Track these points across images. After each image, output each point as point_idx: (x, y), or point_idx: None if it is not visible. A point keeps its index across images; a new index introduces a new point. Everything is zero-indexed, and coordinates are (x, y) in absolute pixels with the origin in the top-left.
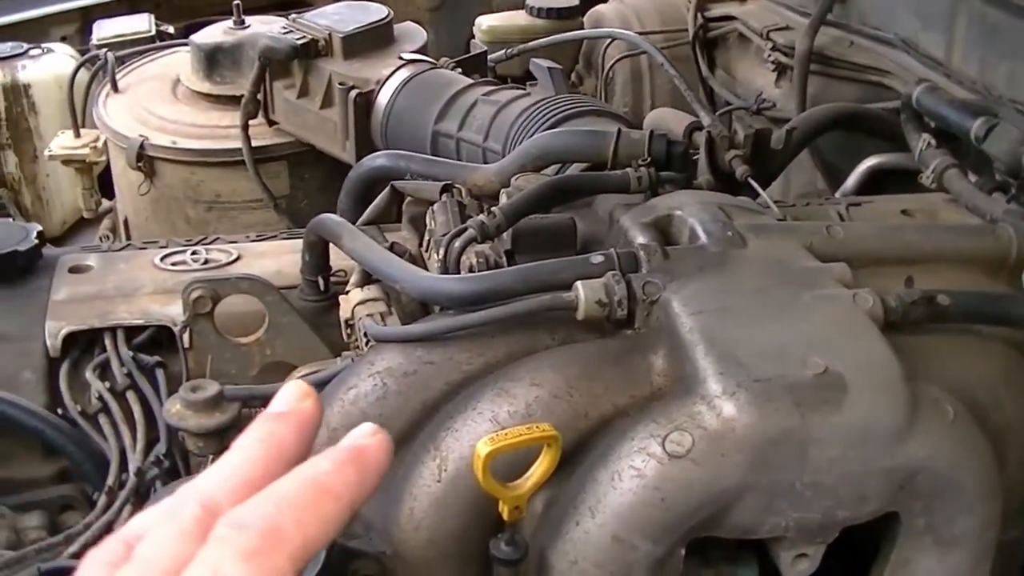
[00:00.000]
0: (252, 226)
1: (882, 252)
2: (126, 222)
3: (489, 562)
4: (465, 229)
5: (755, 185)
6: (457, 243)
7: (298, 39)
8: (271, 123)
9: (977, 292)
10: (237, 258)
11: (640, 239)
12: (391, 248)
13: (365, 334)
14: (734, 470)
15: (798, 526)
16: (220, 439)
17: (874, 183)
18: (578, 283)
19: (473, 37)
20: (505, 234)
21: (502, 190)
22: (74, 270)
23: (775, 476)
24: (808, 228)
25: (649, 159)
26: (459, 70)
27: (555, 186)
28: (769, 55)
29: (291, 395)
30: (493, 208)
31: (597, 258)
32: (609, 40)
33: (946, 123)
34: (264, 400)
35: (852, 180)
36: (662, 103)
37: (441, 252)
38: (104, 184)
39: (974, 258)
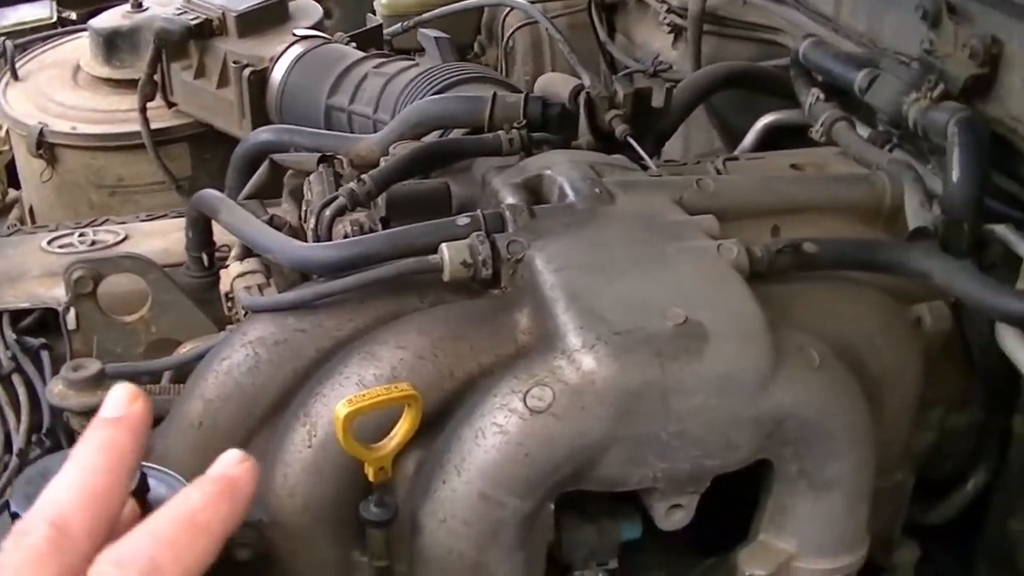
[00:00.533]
0: (156, 209)
1: (754, 204)
2: (31, 210)
3: (363, 525)
4: (336, 197)
5: (634, 143)
6: (328, 211)
7: (192, 19)
8: (170, 105)
9: (844, 239)
10: (124, 238)
11: (509, 199)
12: (270, 221)
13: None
14: (597, 423)
15: (667, 477)
16: None
17: (772, 140)
18: (443, 245)
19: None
20: (381, 201)
21: (382, 159)
22: None
23: (639, 427)
24: (679, 183)
25: (525, 121)
26: (353, 44)
27: (425, 151)
28: (664, 17)
29: (120, 399)
30: (363, 175)
31: (463, 220)
32: (508, 9)
33: (831, 76)
34: (148, 375)
35: (749, 138)
36: (564, 71)
37: (313, 221)
38: (13, 174)
39: (849, 207)
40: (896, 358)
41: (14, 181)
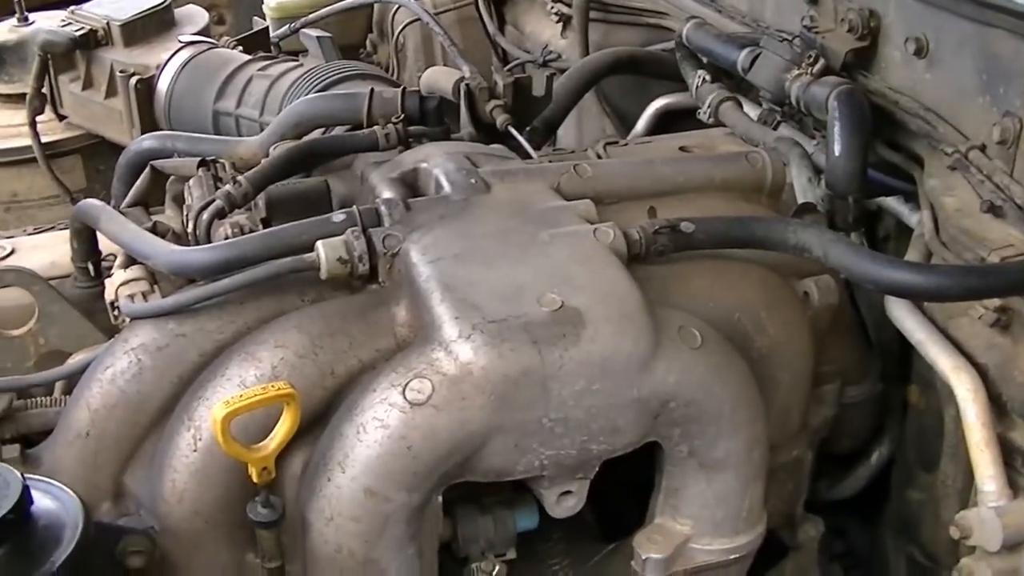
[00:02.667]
0: (52, 223)
1: (632, 187)
2: None
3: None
4: (213, 200)
5: (514, 132)
6: (205, 215)
7: (77, 31)
8: (61, 117)
9: (721, 217)
10: (11, 252)
11: (386, 194)
12: (153, 227)
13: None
14: (477, 412)
15: (554, 463)
16: None
17: (664, 124)
18: (319, 242)
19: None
20: (261, 202)
21: (263, 160)
22: None
23: (520, 415)
24: (556, 169)
25: (402, 116)
26: (240, 48)
27: (300, 150)
28: (551, 7)
29: None
30: (239, 177)
31: (339, 216)
32: (397, 6)
33: (714, 57)
34: (38, 388)
35: (642, 123)
36: (456, 66)
37: (191, 225)
38: None
39: (729, 185)
40: (784, 333)
41: None
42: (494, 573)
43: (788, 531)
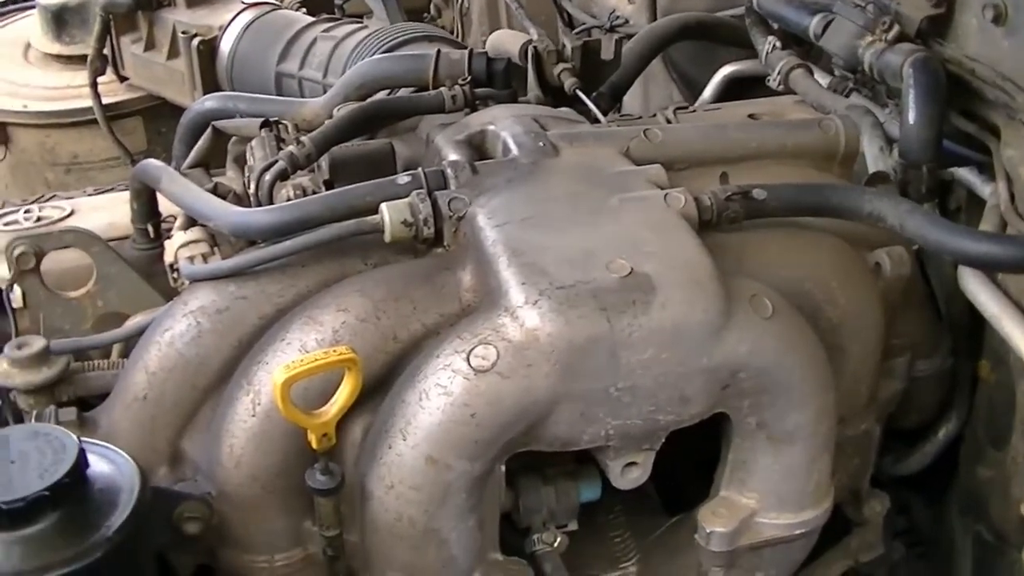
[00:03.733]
0: (112, 184)
1: (703, 152)
2: None
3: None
4: (276, 161)
5: (583, 96)
6: (268, 176)
7: None
8: (122, 79)
9: (794, 184)
10: (71, 213)
11: (451, 156)
12: (214, 189)
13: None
14: (543, 380)
15: (620, 434)
16: (50, 393)
17: (732, 92)
18: (383, 205)
19: None
20: (324, 164)
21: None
22: None
23: (587, 383)
24: (625, 133)
25: (469, 78)
26: (303, 10)
27: (363, 112)
28: None
29: None
30: (302, 138)
31: (404, 179)
32: None
33: (786, 24)
34: (95, 349)
35: (709, 90)
36: (521, 30)
37: (253, 186)
38: None
39: (801, 153)
40: (855, 304)
41: None
42: (555, 544)
43: (853, 506)
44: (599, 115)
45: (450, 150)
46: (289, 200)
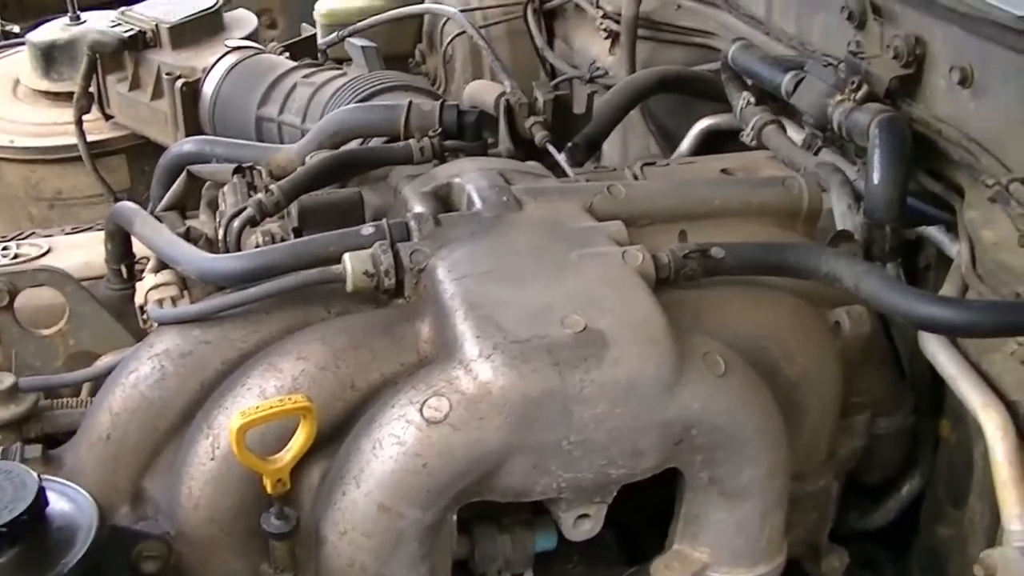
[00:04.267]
0: (94, 222)
1: (666, 209)
2: None
3: None
4: (244, 208)
5: (552, 150)
6: (236, 222)
7: (126, 31)
8: (107, 117)
9: (752, 243)
10: (47, 251)
11: (417, 208)
12: (186, 233)
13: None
14: (495, 433)
15: (572, 486)
16: (18, 430)
17: (709, 145)
18: (345, 255)
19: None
20: (294, 212)
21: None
22: None
23: (540, 436)
24: (589, 188)
25: (440, 129)
26: (287, 55)
27: (336, 160)
28: (601, 23)
29: None
30: (272, 186)
31: (368, 229)
32: (447, 18)
33: (759, 80)
34: (64, 387)
35: (686, 143)
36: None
37: (222, 232)
38: None
39: (765, 211)
40: (813, 362)
41: None
42: None
43: (812, 562)
44: (567, 169)
45: (416, 202)
46: (258, 246)
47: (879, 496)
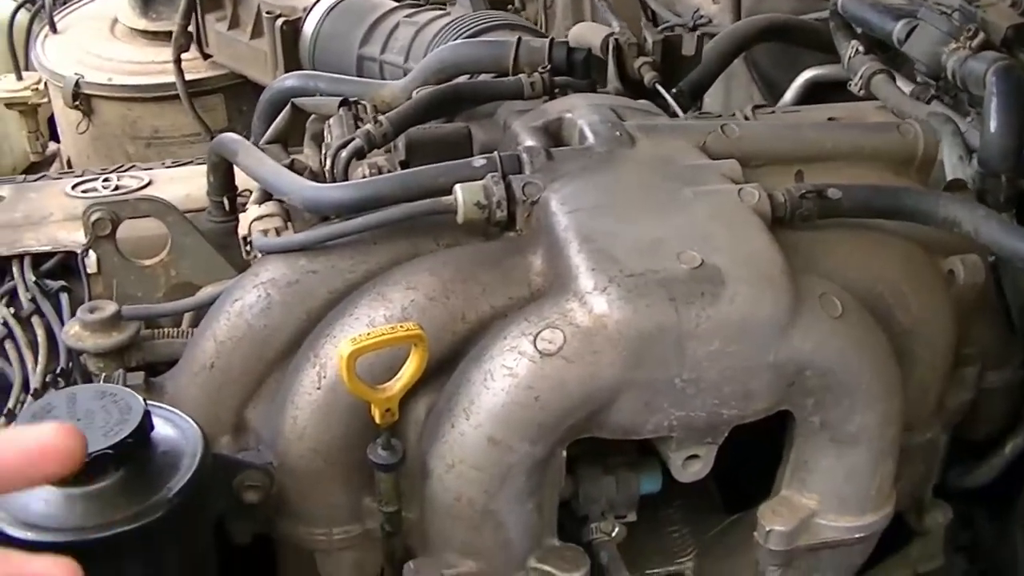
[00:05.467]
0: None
1: (778, 150)
2: (69, 162)
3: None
4: (353, 139)
5: (661, 90)
6: (344, 153)
7: None
8: (205, 56)
9: (869, 185)
10: (148, 184)
11: (528, 142)
12: (290, 164)
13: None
14: (608, 367)
15: (683, 425)
16: (120, 358)
17: (813, 96)
18: (457, 186)
19: None
20: (401, 144)
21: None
22: None
23: (653, 373)
24: (701, 127)
25: (548, 66)
26: None
27: (443, 94)
28: None
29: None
30: (380, 117)
31: (479, 161)
32: None
33: (870, 28)
34: (165, 317)
35: (790, 94)
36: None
37: (329, 163)
38: (53, 128)
39: (877, 156)
40: (926, 310)
41: (56, 135)
42: (614, 534)
43: (915, 515)
44: (677, 109)
45: (526, 136)
46: (364, 178)
47: (982, 453)
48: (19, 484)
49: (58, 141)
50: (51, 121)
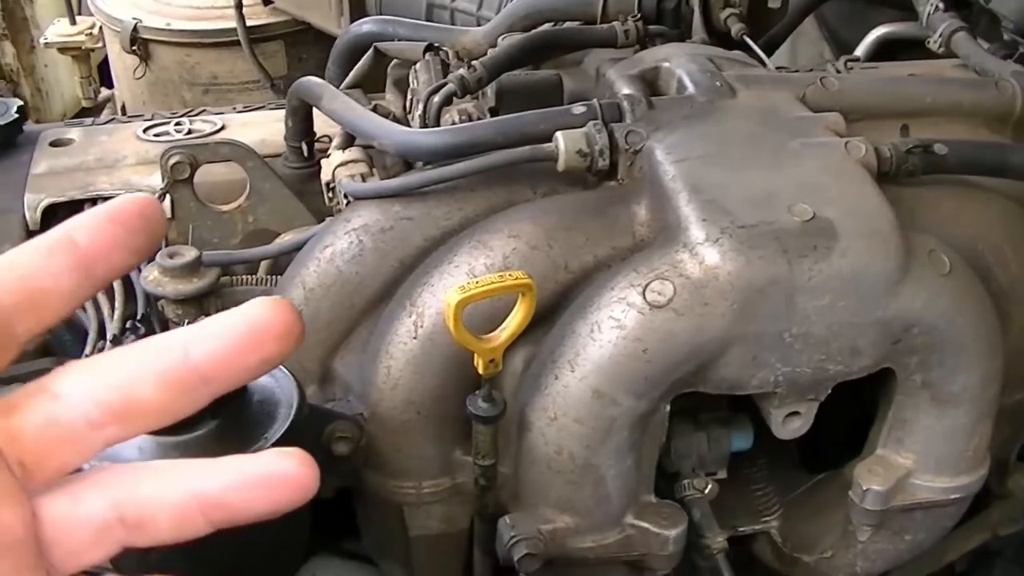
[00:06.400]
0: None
1: (879, 104)
2: (123, 108)
3: (467, 422)
4: (445, 84)
5: (750, 42)
6: (437, 98)
7: None
8: (266, 2)
9: (974, 141)
10: (221, 128)
11: (625, 90)
12: (373, 110)
13: (345, 195)
14: (719, 320)
15: (788, 381)
16: (199, 305)
17: (884, 54)
18: (558, 133)
19: None
20: (490, 91)
21: (489, 49)
22: (55, 144)
23: (762, 326)
24: (801, 79)
25: (639, 15)
26: None
27: (537, 40)
28: None
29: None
30: (474, 62)
31: (579, 108)
32: None
33: None
34: (244, 265)
35: (861, 51)
36: None
37: (421, 108)
38: (104, 74)
39: (976, 111)
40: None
41: (106, 81)
42: (706, 491)
43: (998, 478)
44: (767, 61)
45: (622, 84)
46: (453, 124)
47: None
48: (240, 376)
49: (108, 87)
50: (100, 67)
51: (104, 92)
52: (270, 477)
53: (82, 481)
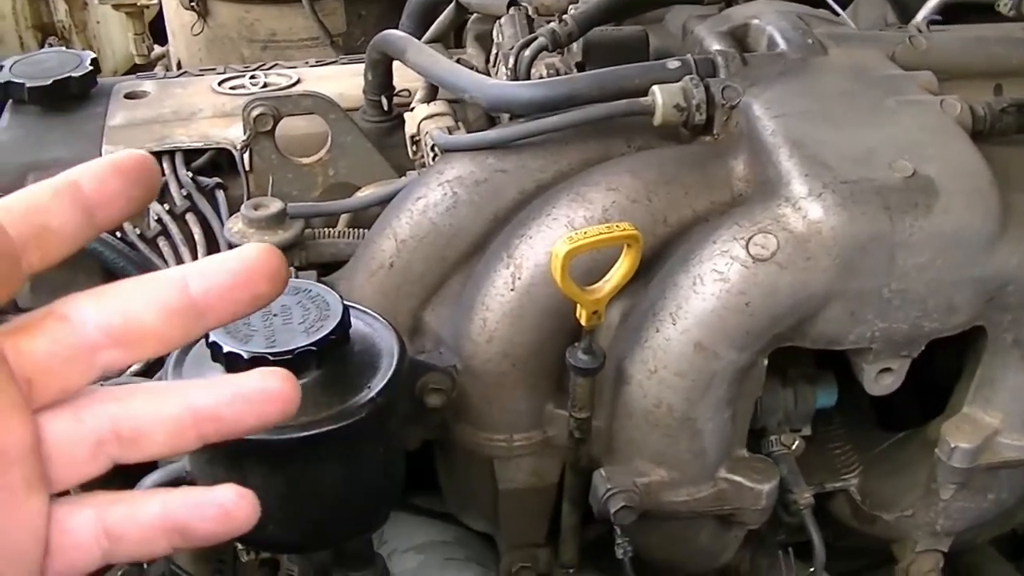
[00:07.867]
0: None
1: (967, 63)
2: (179, 65)
3: (562, 378)
4: (536, 38)
5: (831, 3)
6: (527, 52)
7: None
8: None
9: None
10: (297, 81)
11: (715, 47)
12: (456, 63)
13: (433, 147)
14: (821, 274)
15: (884, 337)
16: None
17: (948, 19)
18: (655, 87)
19: None
20: (576, 47)
21: (570, 6)
22: (130, 96)
23: (862, 282)
24: (890, 38)
25: None
26: None
27: None
28: None
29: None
30: (564, 16)
31: (673, 63)
32: None
33: None
34: (328, 217)
35: (923, 14)
36: None
37: (511, 62)
38: (155, 30)
39: None
40: None
41: (159, 38)
42: (793, 447)
43: None
44: (848, 21)
45: (712, 41)
46: (541, 78)
47: None
48: (233, 310)
49: (160, 44)
50: (152, 23)
51: (157, 49)
52: (258, 393)
53: (81, 399)
